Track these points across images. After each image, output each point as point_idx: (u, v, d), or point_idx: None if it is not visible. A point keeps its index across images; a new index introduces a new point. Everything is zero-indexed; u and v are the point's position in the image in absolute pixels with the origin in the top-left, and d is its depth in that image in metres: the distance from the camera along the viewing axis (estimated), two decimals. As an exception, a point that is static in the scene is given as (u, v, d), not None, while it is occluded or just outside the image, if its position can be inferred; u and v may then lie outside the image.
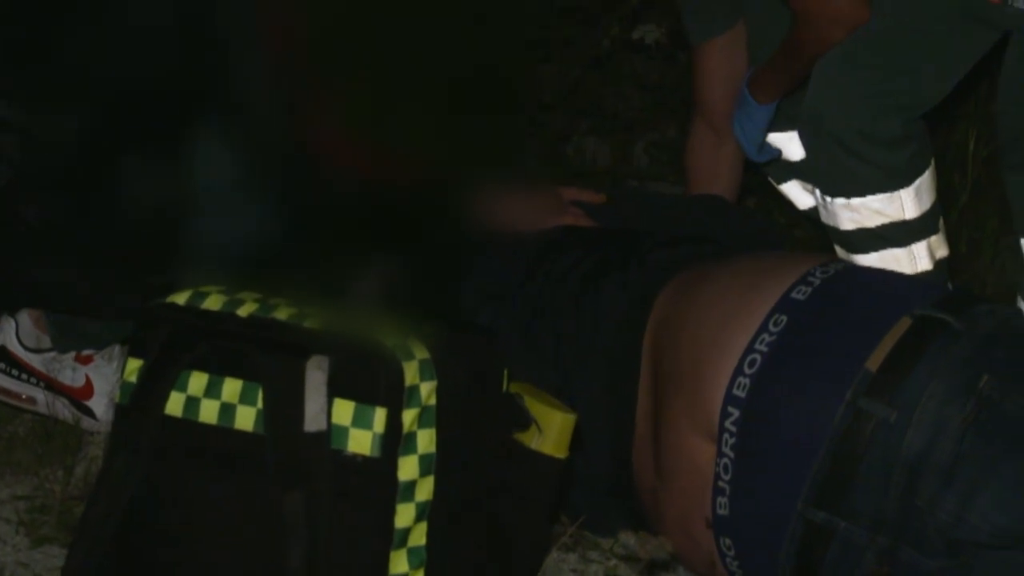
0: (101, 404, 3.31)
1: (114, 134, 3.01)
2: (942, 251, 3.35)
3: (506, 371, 2.63)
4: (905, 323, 2.73)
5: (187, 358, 2.55)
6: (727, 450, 2.76)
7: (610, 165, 4.63)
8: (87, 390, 3.32)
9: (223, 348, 2.55)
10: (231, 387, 2.53)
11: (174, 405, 2.55)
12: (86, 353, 3.35)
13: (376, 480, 2.47)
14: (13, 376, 3.34)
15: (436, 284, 3.09)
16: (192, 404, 2.54)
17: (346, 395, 2.47)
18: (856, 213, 3.26)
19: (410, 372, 2.47)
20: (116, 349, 3.35)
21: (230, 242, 2.99)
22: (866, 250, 3.29)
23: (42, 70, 3.00)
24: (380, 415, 2.47)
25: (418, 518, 2.50)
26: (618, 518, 2.99)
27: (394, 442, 2.47)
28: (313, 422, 2.46)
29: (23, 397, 3.35)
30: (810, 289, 2.82)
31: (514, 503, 2.65)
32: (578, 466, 2.89)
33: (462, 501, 2.55)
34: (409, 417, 2.47)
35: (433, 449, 2.50)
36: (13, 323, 3.35)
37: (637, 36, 4.48)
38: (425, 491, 2.50)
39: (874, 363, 2.70)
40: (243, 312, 2.58)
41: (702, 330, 2.86)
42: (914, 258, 3.30)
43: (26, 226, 3.04)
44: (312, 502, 2.45)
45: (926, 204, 3.29)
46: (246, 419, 2.51)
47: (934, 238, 3.33)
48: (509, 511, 2.65)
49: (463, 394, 2.54)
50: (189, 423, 2.54)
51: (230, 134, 2.96)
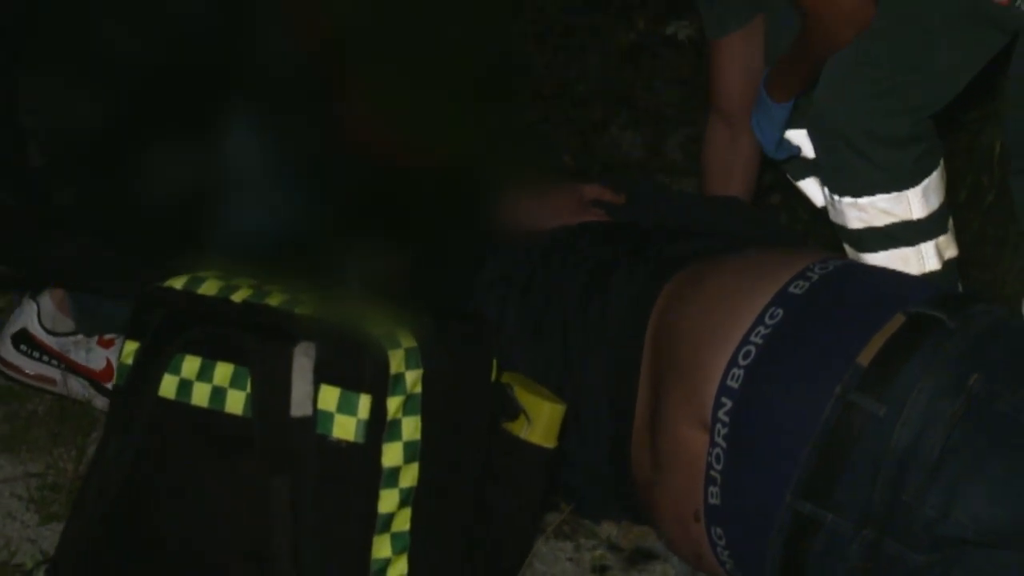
0: None
1: (143, 117, 3.02)
2: (951, 251, 3.34)
3: (496, 361, 2.63)
4: (899, 320, 2.73)
5: (181, 341, 2.57)
6: (719, 440, 2.76)
7: (643, 159, 4.62)
8: (107, 372, 3.34)
9: (216, 333, 2.56)
10: (222, 371, 2.54)
11: (167, 387, 2.57)
12: (108, 336, 3.37)
13: (360, 465, 2.47)
14: (34, 358, 3.36)
15: (448, 274, 3.09)
16: (185, 387, 2.56)
17: (332, 381, 2.48)
18: (863, 212, 3.26)
19: (396, 360, 2.48)
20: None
21: (253, 228, 2.99)
22: (874, 249, 3.29)
23: (73, 51, 3.01)
24: (364, 402, 2.47)
25: (402, 504, 2.50)
26: (614, 506, 3.00)
27: (378, 428, 2.47)
28: (299, 407, 2.47)
29: (42, 377, 3.36)
30: (808, 284, 2.83)
31: (502, 491, 2.67)
32: (577, 453, 2.92)
33: (448, 488, 2.55)
34: (394, 404, 2.48)
35: (418, 436, 2.50)
36: (35, 306, 3.37)
37: (670, 32, 4.48)
38: (409, 477, 2.50)
39: (866, 358, 2.69)
40: (237, 298, 2.59)
41: (701, 322, 2.86)
42: (922, 258, 3.30)
43: (56, 208, 3.05)
44: (297, 486, 2.46)
45: (934, 204, 3.28)
46: (236, 403, 2.52)
47: (943, 238, 3.32)
48: (497, 499, 2.66)
49: (450, 383, 2.54)
50: (182, 405, 2.56)
51: (259, 120, 2.96)
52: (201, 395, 2.55)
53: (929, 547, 2.62)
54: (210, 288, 2.61)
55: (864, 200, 3.25)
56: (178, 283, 2.64)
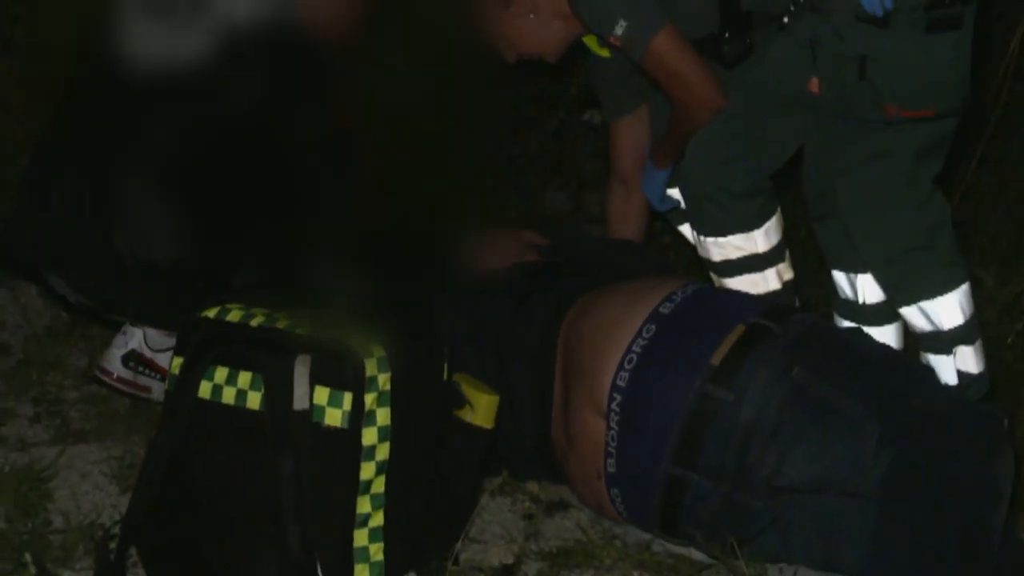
0: None
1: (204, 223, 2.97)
2: (788, 275, 3.34)
3: (446, 364, 2.63)
4: (740, 329, 2.74)
5: (213, 356, 2.57)
6: (613, 424, 2.76)
7: (569, 213, 4.61)
8: None
9: (239, 349, 2.56)
10: (244, 377, 2.54)
11: (204, 390, 2.57)
12: None
13: (346, 445, 2.48)
14: (140, 372, 3.29)
15: (414, 300, 3.08)
16: (217, 390, 2.56)
17: (323, 383, 2.49)
18: (722, 248, 3.25)
19: (370, 365, 2.49)
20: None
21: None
22: (731, 275, 3.28)
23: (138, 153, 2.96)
24: (348, 397, 2.48)
25: (378, 472, 2.51)
26: (539, 470, 2.98)
27: (359, 417, 2.48)
28: (299, 403, 2.48)
29: (143, 387, 3.30)
30: (673, 305, 2.83)
31: (453, 461, 2.66)
32: (510, 432, 2.91)
33: (412, 460, 2.55)
34: (370, 399, 2.48)
35: (388, 422, 2.51)
36: (141, 331, 3.30)
37: (587, 118, 4.47)
38: (383, 453, 2.51)
39: (717, 358, 2.71)
40: (254, 323, 2.59)
41: (596, 336, 2.86)
42: (767, 281, 3.29)
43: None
44: (300, 461, 2.47)
45: (774, 240, 3.28)
46: (254, 401, 2.52)
47: (782, 265, 3.31)
48: (450, 467, 2.66)
49: (411, 381, 2.54)
50: (215, 404, 2.56)
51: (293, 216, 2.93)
52: (229, 396, 2.55)
53: (767, 495, 2.64)
54: (234, 316, 2.61)
55: (722, 239, 3.25)
56: (211, 312, 2.63)
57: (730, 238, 3.23)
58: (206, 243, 2.92)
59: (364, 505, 2.50)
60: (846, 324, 3.26)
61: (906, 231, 3.04)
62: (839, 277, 3.27)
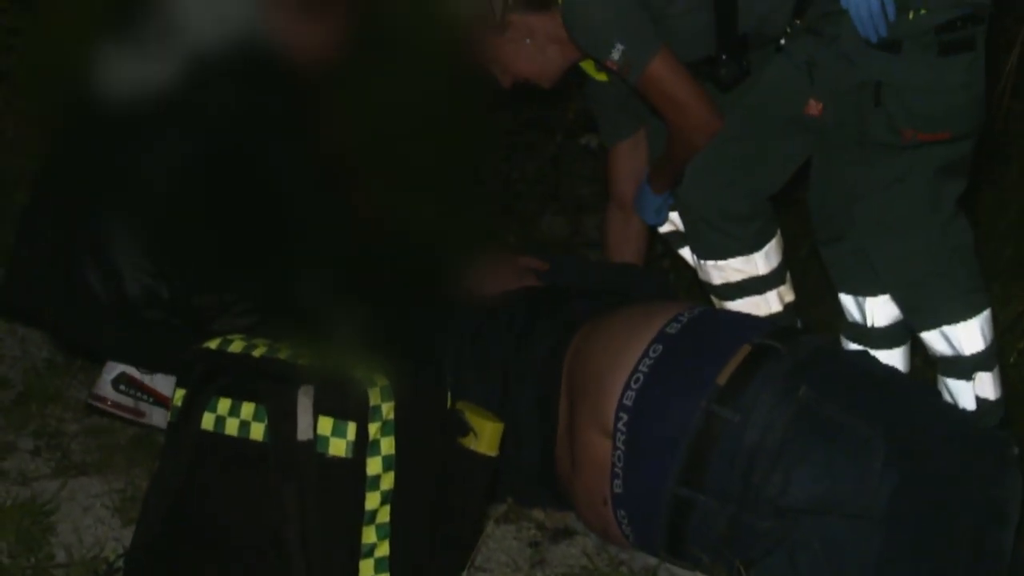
0: None
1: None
2: (789, 296, 3.34)
3: (449, 392, 2.62)
4: (745, 349, 2.74)
5: (216, 387, 2.56)
6: (620, 444, 2.76)
7: (567, 237, 4.61)
8: None
9: (242, 380, 2.55)
10: (247, 409, 2.53)
11: (207, 422, 2.55)
12: None
13: (350, 475, 2.47)
14: (130, 395, 3.27)
15: (417, 329, 3.07)
16: (220, 421, 2.54)
17: (327, 413, 2.47)
18: (722, 271, 3.26)
19: (374, 395, 2.47)
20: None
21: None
22: (732, 298, 3.28)
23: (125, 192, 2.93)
24: (352, 427, 2.47)
25: (383, 502, 2.49)
26: (544, 497, 2.98)
27: (363, 447, 2.46)
28: (303, 433, 2.46)
29: (135, 411, 3.27)
30: (679, 326, 2.83)
31: (458, 490, 2.63)
32: (515, 459, 2.90)
33: (417, 489, 2.53)
34: (374, 428, 2.47)
35: (393, 451, 2.49)
36: None
37: (584, 142, 4.47)
38: (388, 482, 2.49)
39: (722, 379, 2.71)
40: (256, 353, 2.58)
41: (603, 358, 2.86)
42: (768, 303, 3.29)
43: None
44: (303, 491, 2.45)
45: (775, 262, 3.28)
46: (258, 432, 2.51)
47: (783, 287, 3.32)
48: (454, 496, 2.63)
49: (415, 410, 2.52)
50: (218, 435, 2.54)
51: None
52: (232, 427, 2.53)
53: (773, 516, 2.63)
54: (236, 347, 2.60)
55: (722, 262, 3.25)
56: (213, 344, 2.62)
57: (730, 261, 3.23)
58: (183, 279, 2.90)
59: (369, 535, 2.48)
60: (853, 347, 3.26)
61: (928, 254, 3.03)
62: (847, 300, 3.26)
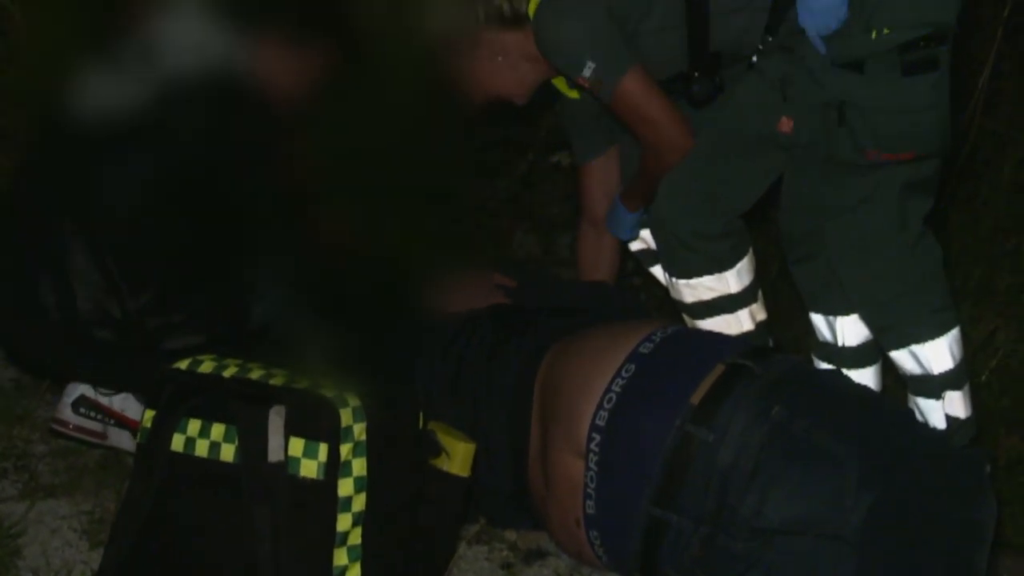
0: None
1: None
2: (761, 315, 3.34)
3: (421, 413, 2.62)
4: (719, 368, 2.73)
5: (185, 408, 2.55)
6: (592, 465, 2.75)
7: (539, 256, 4.60)
8: None
9: (212, 401, 2.54)
10: (218, 429, 2.52)
11: (177, 443, 2.54)
12: None
13: (322, 497, 2.46)
14: (91, 417, 3.24)
15: (387, 349, 3.06)
16: (190, 442, 2.54)
17: (298, 434, 2.46)
18: (694, 290, 3.26)
19: (346, 416, 2.47)
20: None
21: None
22: (704, 317, 3.28)
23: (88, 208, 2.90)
24: (323, 448, 2.46)
25: (355, 524, 2.48)
26: (517, 518, 2.97)
27: (335, 468, 2.46)
28: (274, 454, 2.46)
29: (96, 433, 3.24)
30: (652, 345, 2.82)
31: (430, 510, 2.64)
32: (487, 480, 2.90)
33: (388, 511, 2.53)
34: (345, 449, 2.46)
35: (364, 473, 2.49)
36: None
37: (555, 160, 4.47)
38: (359, 503, 2.49)
39: (696, 398, 2.70)
40: (227, 374, 2.57)
41: (575, 377, 2.85)
42: (740, 322, 3.29)
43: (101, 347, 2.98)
44: (275, 513, 2.45)
45: (746, 281, 3.29)
46: (228, 453, 2.50)
47: (755, 306, 3.32)
48: (427, 516, 2.63)
49: (387, 431, 2.52)
50: (188, 457, 2.53)
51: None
52: (202, 448, 2.52)
53: (748, 537, 2.62)
54: (206, 367, 2.59)
55: (694, 281, 3.25)
56: (183, 364, 2.62)
57: (702, 279, 3.24)
58: (137, 299, 2.88)
59: (341, 557, 2.47)
60: (824, 366, 3.26)
61: (896, 274, 3.05)
62: (818, 320, 3.27)
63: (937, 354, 3.05)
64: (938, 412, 3.08)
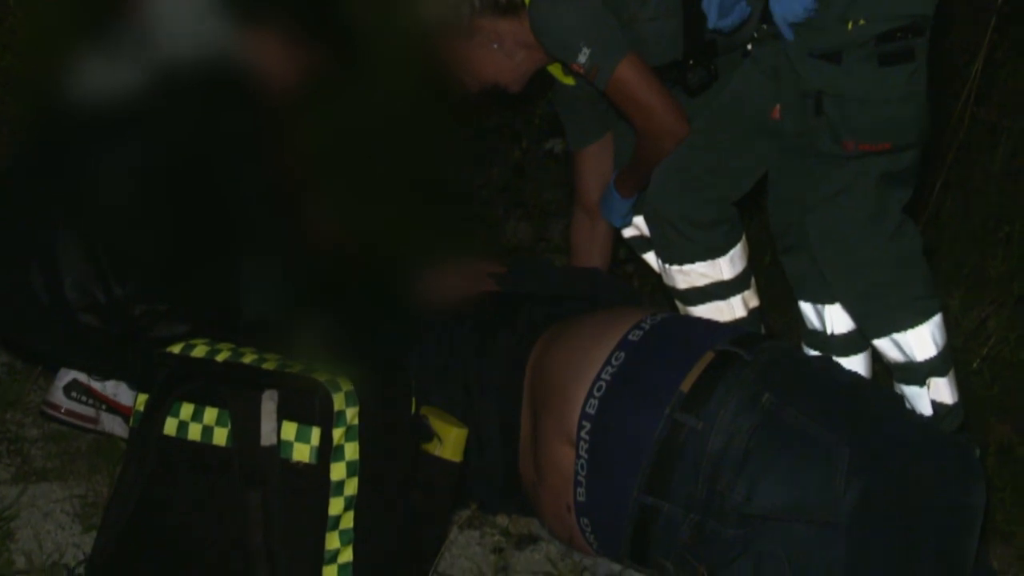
0: None
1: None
2: (754, 302, 3.35)
3: (414, 398, 2.62)
4: (709, 356, 2.74)
5: (178, 392, 2.56)
6: (583, 453, 2.76)
7: (533, 243, 4.60)
8: None
9: (205, 385, 2.55)
10: (210, 414, 2.53)
11: (170, 427, 2.55)
12: None
13: (314, 481, 2.47)
14: (82, 402, 3.25)
15: (380, 335, 3.06)
16: (183, 426, 2.55)
17: (291, 418, 2.48)
18: (687, 276, 3.26)
19: (338, 400, 2.48)
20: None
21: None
22: (696, 303, 3.29)
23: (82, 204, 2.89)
24: (316, 432, 2.47)
25: (347, 508, 2.49)
26: (508, 504, 2.98)
27: (327, 452, 2.47)
28: (267, 438, 2.47)
29: (87, 418, 3.24)
30: (642, 332, 2.83)
31: (422, 495, 2.64)
32: (478, 466, 2.90)
33: (380, 495, 2.54)
34: (338, 433, 2.47)
35: (357, 457, 2.49)
36: None
37: (549, 147, 4.46)
38: (352, 488, 2.50)
39: (686, 386, 2.71)
40: (220, 358, 2.58)
41: (565, 365, 2.86)
42: (732, 308, 3.30)
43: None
44: (267, 497, 2.46)
45: (739, 268, 3.29)
46: (221, 437, 2.51)
47: (747, 292, 3.32)
48: (419, 501, 2.64)
49: (379, 415, 2.53)
50: (180, 440, 2.55)
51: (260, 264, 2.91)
52: (195, 432, 2.54)
53: (738, 524, 2.63)
54: (199, 352, 2.60)
55: (687, 267, 3.25)
56: (176, 349, 2.63)
57: (695, 266, 3.24)
58: (125, 286, 2.87)
59: (333, 541, 2.48)
60: (814, 354, 3.27)
61: (875, 264, 3.05)
62: (806, 308, 3.28)
63: (919, 341, 3.06)
64: (924, 399, 3.09)
